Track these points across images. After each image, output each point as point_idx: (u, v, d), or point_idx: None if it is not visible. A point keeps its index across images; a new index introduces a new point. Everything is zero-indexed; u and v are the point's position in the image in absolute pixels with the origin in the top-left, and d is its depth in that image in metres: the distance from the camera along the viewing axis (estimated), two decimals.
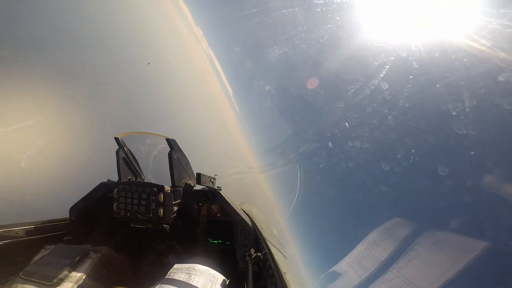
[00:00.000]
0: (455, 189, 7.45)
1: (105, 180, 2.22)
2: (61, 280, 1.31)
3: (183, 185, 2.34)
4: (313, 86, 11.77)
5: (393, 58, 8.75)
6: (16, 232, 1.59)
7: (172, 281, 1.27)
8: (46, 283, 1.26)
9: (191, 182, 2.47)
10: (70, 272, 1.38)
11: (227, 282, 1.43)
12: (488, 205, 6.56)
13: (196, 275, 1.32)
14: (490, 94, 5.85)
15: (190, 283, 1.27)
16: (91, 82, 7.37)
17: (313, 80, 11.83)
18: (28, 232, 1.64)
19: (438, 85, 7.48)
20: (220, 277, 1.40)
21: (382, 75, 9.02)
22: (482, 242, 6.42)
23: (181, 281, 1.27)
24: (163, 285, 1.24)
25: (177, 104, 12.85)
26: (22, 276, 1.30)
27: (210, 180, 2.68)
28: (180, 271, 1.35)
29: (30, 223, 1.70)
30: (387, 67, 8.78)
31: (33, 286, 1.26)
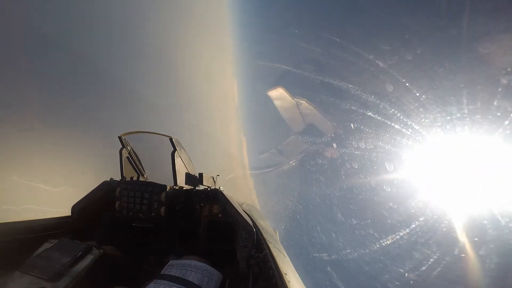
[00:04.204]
0: (457, 188, 7.42)
1: (108, 179, 2.23)
2: (60, 275, 1.29)
3: (185, 185, 2.35)
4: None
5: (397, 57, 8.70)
6: (17, 229, 1.57)
7: (168, 277, 1.25)
8: (44, 277, 1.25)
9: (193, 182, 2.48)
10: (71, 267, 1.36)
11: (227, 280, 1.42)
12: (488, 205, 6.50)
13: (192, 271, 1.30)
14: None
15: (186, 278, 1.24)
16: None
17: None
18: (29, 230, 1.62)
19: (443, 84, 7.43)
20: (217, 274, 1.38)
21: (385, 77, 8.98)
22: (483, 241, 6.36)
23: (177, 276, 1.25)
24: (159, 280, 1.23)
25: (181, 104, 12.93)
26: (21, 269, 1.28)
27: (212, 180, 2.69)
28: (175, 267, 1.33)
29: (32, 221, 1.69)
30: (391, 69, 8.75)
31: (30, 279, 1.24)
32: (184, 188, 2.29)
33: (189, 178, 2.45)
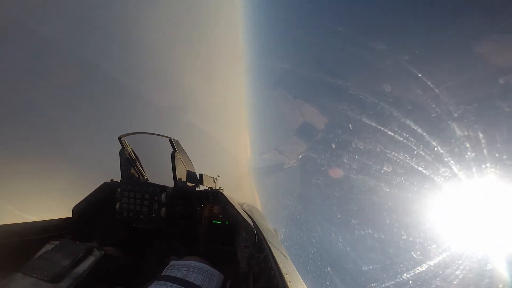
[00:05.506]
0: (458, 188, 7.43)
1: (108, 180, 2.23)
2: (61, 276, 1.30)
3: (186, 186, 2.35)
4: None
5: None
6: (18, 231, 1.56)
7: (169, 278, 1.25)
8: (46, 278, 1.25)
9: (194, 183, 2.48)
10: (72, 268, 1.36)
11: (227, 281, 1.42)
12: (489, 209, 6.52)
13: (193, 271, 1.30)
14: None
15: (187, 279, 1.25)
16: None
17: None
18: (31, 231, 1.62)
19: (441, 87, 7.45)
20: (217, 274, 1.38)
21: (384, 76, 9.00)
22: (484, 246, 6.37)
23: (178, 277, 1.25)
24: (160, 281, 1.23)
25: (182, 105, 12.91)
26: (22, 271, 1.28)
27: (213, 180, 2.70)
28: (176, 268, 1.33)
29: (33, 223, 1.68)
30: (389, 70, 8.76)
31: (32, 281, 1.24)
32: (184, 189, 2.29)
33: (190, 178, 2.45)
